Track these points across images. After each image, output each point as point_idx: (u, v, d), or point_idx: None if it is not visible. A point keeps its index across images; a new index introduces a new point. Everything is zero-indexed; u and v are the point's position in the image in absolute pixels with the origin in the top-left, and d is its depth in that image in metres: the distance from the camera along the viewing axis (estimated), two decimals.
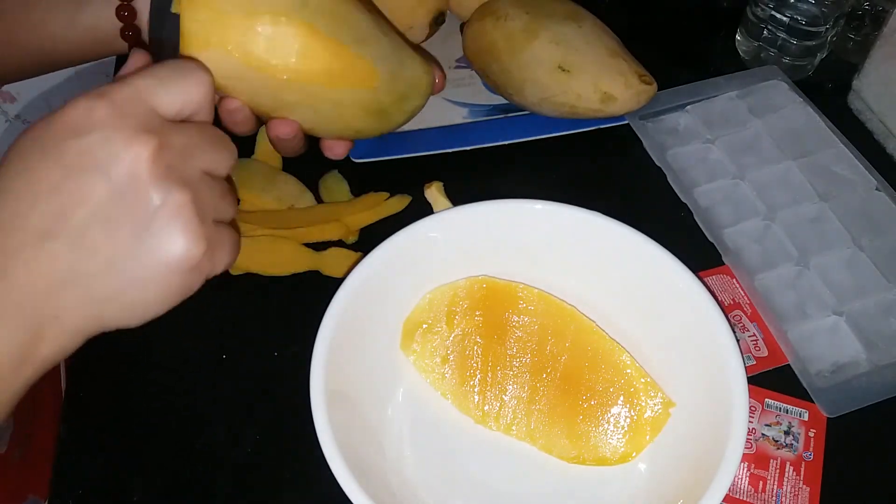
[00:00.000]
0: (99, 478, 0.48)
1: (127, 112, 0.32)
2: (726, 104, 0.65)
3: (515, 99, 0.63)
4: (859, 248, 0.56)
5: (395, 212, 0.59)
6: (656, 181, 0.61)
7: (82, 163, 0.31)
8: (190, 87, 0.34)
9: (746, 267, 0.55)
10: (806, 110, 0.64)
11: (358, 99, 0.43)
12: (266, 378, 0.52)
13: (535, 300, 0.49)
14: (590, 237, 0.48)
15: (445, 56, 0.72)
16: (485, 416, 0.48)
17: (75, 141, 0.31)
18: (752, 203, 0.59)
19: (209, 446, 0.49)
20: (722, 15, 0.75)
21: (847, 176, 0.60)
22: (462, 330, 0.49)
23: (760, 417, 0.50)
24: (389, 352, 0.49)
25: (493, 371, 0.49)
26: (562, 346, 0.48)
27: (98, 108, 0.31)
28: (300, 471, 0.48)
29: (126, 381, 0.52)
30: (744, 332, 0.53)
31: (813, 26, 0.65)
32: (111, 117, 0.31)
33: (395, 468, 0.46)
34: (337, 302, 0.44)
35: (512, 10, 0.62)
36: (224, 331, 0.55)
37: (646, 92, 0.61)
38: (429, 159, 0.62)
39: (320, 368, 0.42)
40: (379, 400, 0.48)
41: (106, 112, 0.31)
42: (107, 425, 0.51)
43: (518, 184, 0.62)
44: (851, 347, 0.52)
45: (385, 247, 0.47)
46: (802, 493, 0.47)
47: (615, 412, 0.47)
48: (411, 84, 0.45)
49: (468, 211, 0.49)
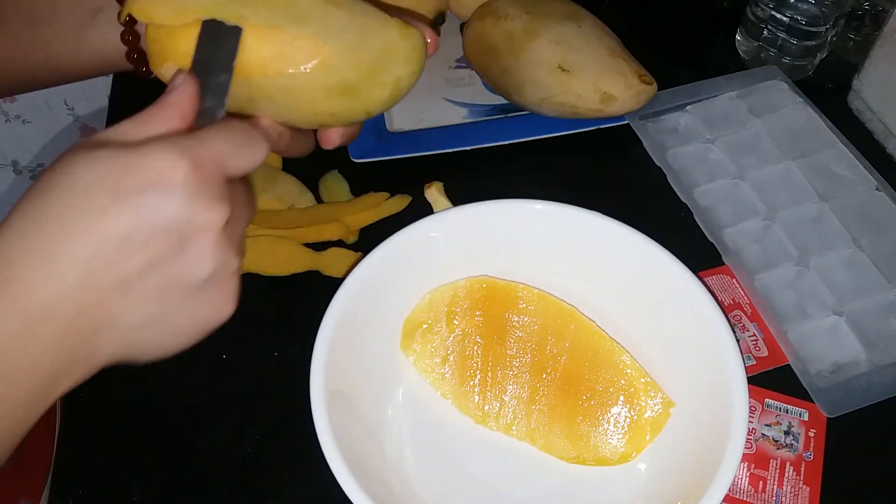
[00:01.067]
0: (99, 478, 0.48)
1: (207, 177, 0.32)
2: (726, 104, 0.65)
3: (515, 99, 0.63)
4: (859, 248, 0.56)
5: (395, 212, 0.59)
6: (656, 181, 0.61)
7: (154, 219, 0.31)
8: (257, 154, 0.35)
9: (746, 267, 0.55)
10: (806, 110, 0.64)
11: (314, 81, 0.40)
12: (266, 378, 0.52)
13: (535, 300, 0.49)
14: (590, 237, 0.48)
15: (445, 56, 0.72)
16: (485, 416, 0.48)
17: (153, 196, 0.31)
18: (752, 203, 0.59)
19: (209, 446, 0.49)
20: (722, 15, 0.75)
21: (847, 176, 0.60)
22: (462, 330, 0.49)
23: (760, 417, 0.50)
24: (389, 352, 0.49)
25: (493, 371, 0.49)
26: (562, 346, 0.48)
27: (182, 167, 0.31)
28: (300, 471, 0.48)
29: (126, 381, 0.52)
30: (744, 332, 0.53)
31: (813, 26, 0.65)
32: (193, 181, 0.31)
33: (395, 468, 0.46)
34: (337, 302, 0.44)
35: (512, 10, 0.62)
36: (224, 331, 0.54)
37: (646, 92, 0.61)
38: (429, 159, 0.62)
39: (320, 368, 0.42)
40: (379, 400, 0.48)
41: (188, 174, 0.31)
42: (107, 425, 0.51)
43: (518, 184, 0.62)
44: (851, 347, 0.52)
45: (385, 247, 0.47)
46: (802, 493, 0.47)
47: (615, 412, 0.47)
48: (383, 52, 0.41)
49: (468, 211, 0.49)
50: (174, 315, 0.33)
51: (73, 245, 0.30)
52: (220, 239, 0.33)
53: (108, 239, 0.30)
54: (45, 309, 0.30)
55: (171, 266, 0.32)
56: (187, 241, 0.32)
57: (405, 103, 0.67)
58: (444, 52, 0.72)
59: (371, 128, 0.65)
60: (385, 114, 0.66)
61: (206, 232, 0.32)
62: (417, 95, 0.69)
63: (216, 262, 0.33)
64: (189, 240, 0.32)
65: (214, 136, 0.33)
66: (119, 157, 0.31)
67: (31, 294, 0.30)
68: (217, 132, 0.34)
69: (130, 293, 0.31)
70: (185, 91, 0.35)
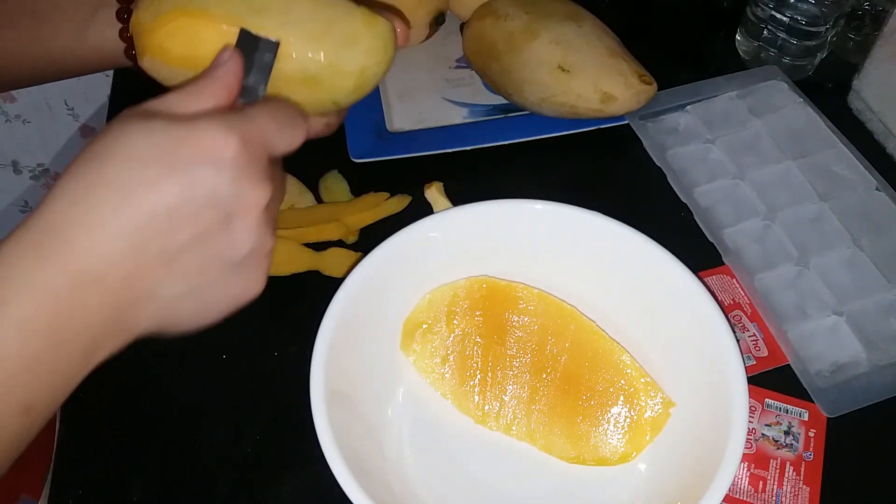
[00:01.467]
0: (99, 478, 0.48)
1: (255, 156, 0.33)
2: (726, 104, 0.65)
3: (515, 99, 0.63)
4: (859, 248, 0.56)
5: (395, 212, 0.59)
6: (656, 181, 0.61)
7: (204, 193, 0.31)
8: (298, 135, 0.36)
9: (746, 267, 0.55)
10: (806, 110, 0.64)
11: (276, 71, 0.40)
12: (266, 378, 0.52)
13: (535, 300, 0.49)
14: (590, 237, 0.48)
15: (445, 56, 0.72)
16: (485, 416, 0.48)
17: (205, 170, 0.31)
18: (752, 203, 0.59)
19: (209, 446, 0.49)
20: (722, 15, 0.75)
21: (847, 176, 0.60)
22: (462, 330, 0.49)
23: (760, 417, 0.50)
24: (389, 352, 0.49)
25: (493, 371, 0.49)
26: (562, 346, 0.48)
27: (232, 144, 0.32)
28: (300, 471, 0.48)
29: (126, 380, 0.52)
30: (744, 332, 0.53)
31: (813, 26, 0.65)
32: (243, 158, 0.32)
33: (395, 468, 0.46)
34: (337, 302, 0.44)
35: (512, 10, 0.62)
36: (224, 331, 0.55)
37: (646, 92, 0.61)
38: (429, 159, 0.62)
39: (320, 368, 0.42)
40: (379, 400, 0.48)
41: (239, 151, 0.32)
42: (107, 425, 0.51)
43: (518, 184, 0.62)
44: (851, 347, 0.52)
45: (385, 247, 0.47)
46: (802, 493, 0.47)
47: (615, 412, 0.47)
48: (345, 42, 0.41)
49: (468, 211, 0.49)
50: (210, 290, 0.34)
51: (125, 213, 0.30)
52: (262, 218, 0.33)
53: (159, 209, 0.31)
54: (95, 275, 0.30)
55: (215, 241, 0.32)
56: (232, 218, 0.32)
57: (405, 103, 0.68)
58: (444, 52, 0.72)
59: (371, 128, 0.65)
60: (385, 114, 0.66)
61: (250, 210, 0.33)
62: (417, 95, 0.69)
63: (255, 241, 0.34)
64: (234, 216, 0.32)
65: (262, 115, 0.34)
66: (173, 129, 0.31)
67: (82, 259, 0.30)
68: (264, 111, 0.34)
69: (174, 265, 0.32)
70: (231, 67, 0.35)
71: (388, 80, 0.69)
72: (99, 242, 0.30)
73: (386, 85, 0.69)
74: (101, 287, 0.30)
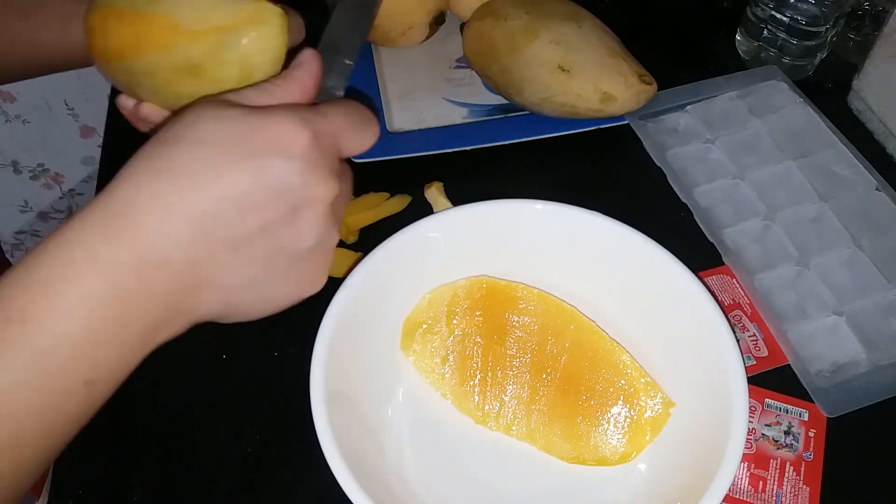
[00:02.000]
0: (99, 478, 0.48)
1: (326, 152, 0.33)
2: (726, 104, 0.65)
3: (515, 99, 0.63)
4: (859, 248, 0.56)
5: (395, 212, 0.59)
6: (656, 181, 0.61)
7: (274, 183, 0.31)
8: (370, 136, 0.36)
9: (746, 267, 0.55)
10: (806, 110, 0.64)
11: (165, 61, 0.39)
12: (266, 378, 0.52)
13: (535, 300, 0.49)
14: (590, 237, 0.48)
15: (445, 56, 0.72)
16: (485, 416, 0.48)
17: (277, 160, 0.31)
18: (752, 203, 0.59)
19: (209, 446, 0.49)
20: (722, 15, 0.75)
21: (847, 176, 0.60)
22: (462, 330, 0.49)
23: (760, 417, 0.50)
24: (389, 352, 0.49)
25: (493, 371, 0.49)
26: (562, 346, 0.48)
27: (304, 137, 0.32)
28: (300, 471, 0.48)
29: (126, 380, 0.52)
30: (744, 332, 0.53)
31: (813, 26, 0.65)
32: (314, 152, 0.32)
33: (395, 468, 0.46)
34: (337, 302, 0.44)
35: (512, 10, 0.62)
36: (224, 331, 0.54)
37: (646, 92, 0.61)
38: (429, 159, 0.62)
39: (320, 368, 0.42)
40: (379, 400, 0.48)
41: (310, 145, 0.32)
42: (107, 425, 0.50)
43: (518, 184, 0.62)
44: (851, 347, 0.52)
45: (385, 247, 0.47)
46: (802, 493, 0.47)
47: (615, 412, 0.47)
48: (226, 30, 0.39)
49: (468, 211, 0.49)
50: (273, 281, 0.34)
51: (194, 197, 0.30)
52: (328, 213, 0.33)
53: (228, 196, 0.31)
54: (161, 257, 0.30)
55: (281, 232, 0.32)
56: (299, 210, 0.32)
57: (405, 103, 0.68)
58: (444, 52, 0.72)
59: None
60: (385, 114, 0.66)
61: (317, 203, 0.33)
62: (417, 95, 0.69)
63: (320, 235, 0.34)
64: (301, 209, 0.32)
65: (335, 113, 0.34)
66: (247, 118, 0.32)
67: (149, 241, 0.30)
68: (337, 109, 0.35)
69: (239, 253, 0.32)
70: (310, 69, 0.36)
71: (388, 80, 0.70)
72: (166, 225, 0.30)
73: (386, 85, 0.69)
74: (165, 269, 0.30)
